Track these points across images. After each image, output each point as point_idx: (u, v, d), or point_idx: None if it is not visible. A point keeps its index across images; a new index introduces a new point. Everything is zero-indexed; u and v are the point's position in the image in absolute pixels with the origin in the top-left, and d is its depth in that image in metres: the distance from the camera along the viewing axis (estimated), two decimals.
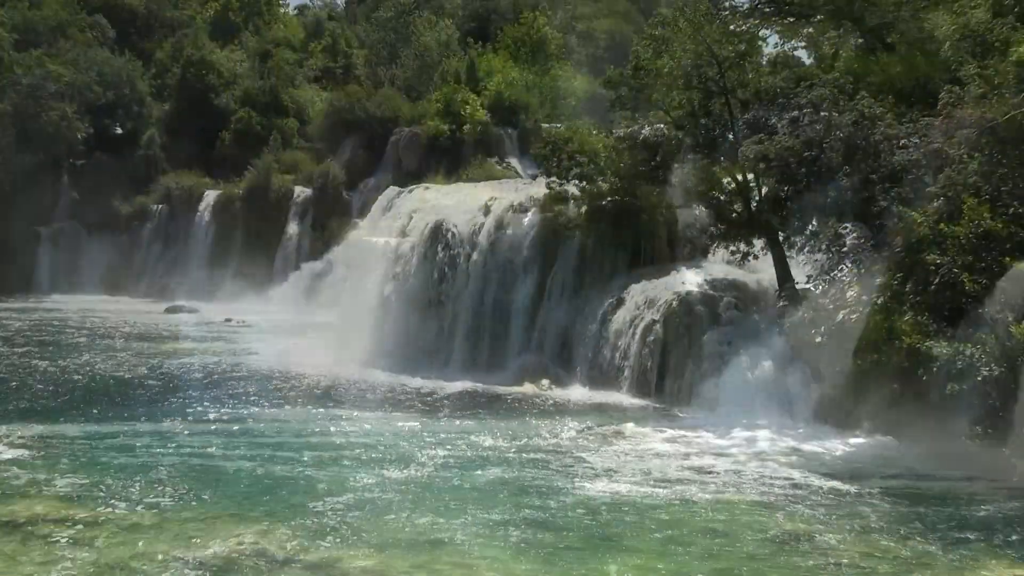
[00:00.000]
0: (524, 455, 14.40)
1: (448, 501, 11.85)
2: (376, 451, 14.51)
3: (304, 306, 39.95)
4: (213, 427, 15.86)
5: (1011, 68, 13.47)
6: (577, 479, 13.03)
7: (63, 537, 10.12)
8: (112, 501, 11.36)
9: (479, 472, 13.32)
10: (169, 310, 40.27)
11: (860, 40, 21.60)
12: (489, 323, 22.89)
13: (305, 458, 13.88)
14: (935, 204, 13.69)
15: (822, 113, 17.17)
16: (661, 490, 12.60)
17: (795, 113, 18.48)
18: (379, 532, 10.57)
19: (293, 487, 12.33)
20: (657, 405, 18.80)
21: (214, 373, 21.88)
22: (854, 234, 16.18)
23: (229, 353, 25.77)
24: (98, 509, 11.02)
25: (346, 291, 28.48)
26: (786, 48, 26.03)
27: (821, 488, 12.83)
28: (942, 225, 13.08)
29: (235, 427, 15.89)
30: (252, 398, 18.59)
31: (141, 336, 29.87)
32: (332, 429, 15.99)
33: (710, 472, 13.61)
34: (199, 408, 17.31)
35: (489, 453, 14.51)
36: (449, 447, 14.81)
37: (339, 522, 10.86)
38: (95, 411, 17.01)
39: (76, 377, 20.84)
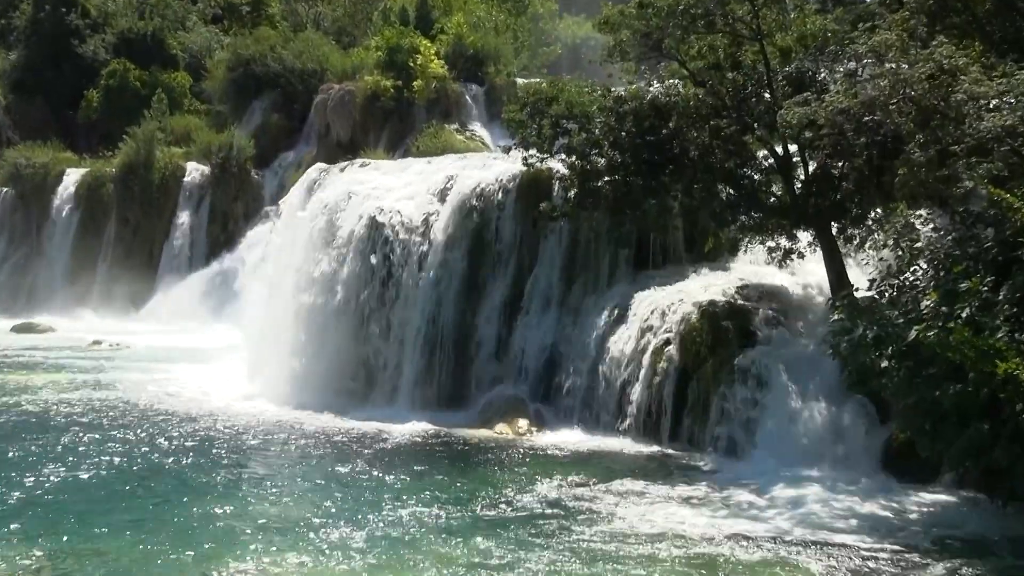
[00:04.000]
0: (496, 525, 14.27)
1: None
2: (296, 525, 14.28)
3: (200, 323, 39.71)
4: (67, 493, 15.60)
5: None
6: (568, 557, 12.90)
7: None
8: None
9: (438, 549, 13.15)
10: (17, 329, 39.98)
11: None
12: (448, 345, 22.79)
13: (198, 534, 13.67)
14: None
15: (887, 65, 17.22)
16: (678, 569, 12.51)
17: (852, 65, 18.53)
18: None
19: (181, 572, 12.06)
20: (671, 453, 18.79)
21: (73, 416, 21.57)
22: (930, 224, 16.23)
23: (96, 387, 25.45)
24: None
25: (257, 303, 28.25)
26: None
27: (890, 561, 12.81)
28: None
29: (100, 492, 15.65)
30: (123, 451, 18.30)
31: None
32: (234, 494, 15.77)
33: (742, 543, 13.57)
34: (51, 468, 16.97)
35: (450, 522, 14.36)
36: (396, 516, 14.63)
37: None
38: None
39: None
